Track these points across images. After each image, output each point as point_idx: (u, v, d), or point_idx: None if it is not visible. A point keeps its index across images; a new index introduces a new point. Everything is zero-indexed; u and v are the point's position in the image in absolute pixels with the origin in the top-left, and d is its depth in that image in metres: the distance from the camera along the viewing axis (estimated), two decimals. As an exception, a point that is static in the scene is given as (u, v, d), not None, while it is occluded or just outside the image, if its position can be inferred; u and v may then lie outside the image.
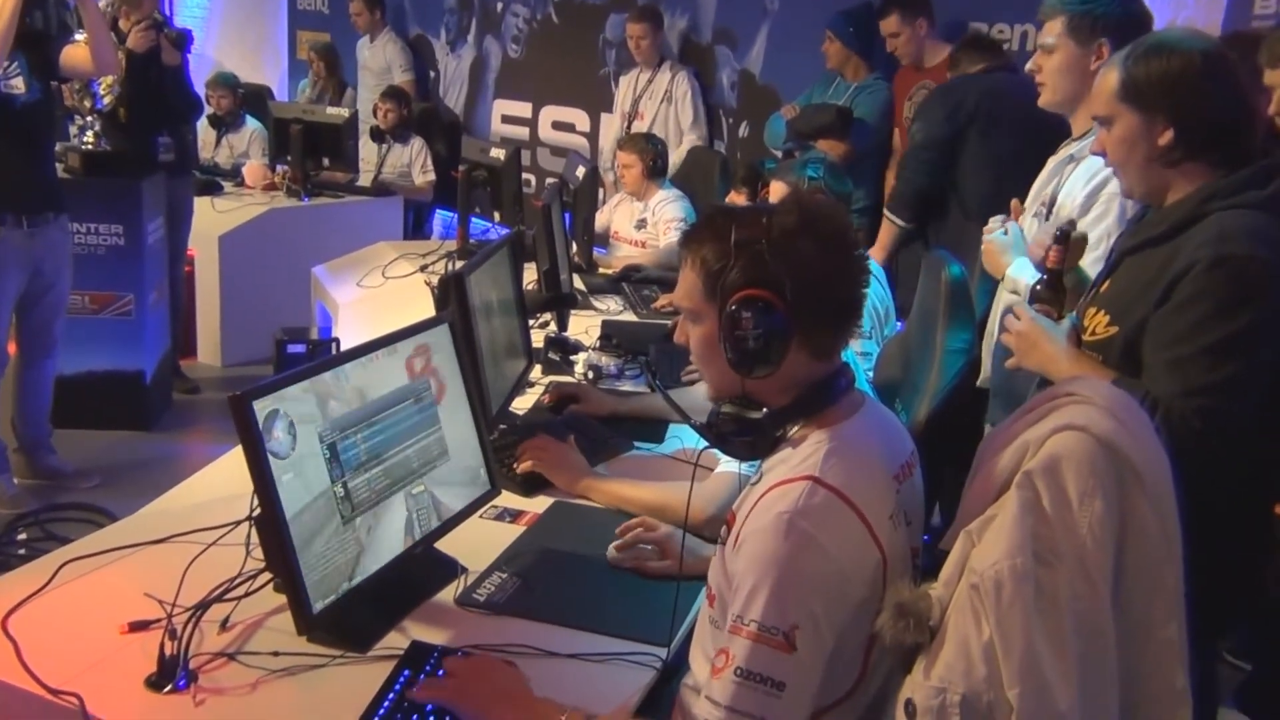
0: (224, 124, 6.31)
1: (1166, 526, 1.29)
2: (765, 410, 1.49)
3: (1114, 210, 2.27)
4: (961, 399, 2.25)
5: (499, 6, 6.70)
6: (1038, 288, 1.99)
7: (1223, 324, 1.68)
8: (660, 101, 5.43)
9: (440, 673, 1.55)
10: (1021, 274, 2.32)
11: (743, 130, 5.47)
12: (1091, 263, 2.27)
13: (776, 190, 3.02)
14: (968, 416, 2.46)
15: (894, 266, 3.94)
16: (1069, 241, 1.98)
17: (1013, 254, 2.39)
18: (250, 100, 6.57)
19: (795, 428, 1.50)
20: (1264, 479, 1.85)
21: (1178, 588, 1.30)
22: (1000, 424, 1.43)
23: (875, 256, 4.06)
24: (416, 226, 6.46)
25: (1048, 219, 2.44)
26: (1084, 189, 2.36)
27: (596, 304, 3.80)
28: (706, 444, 1.57)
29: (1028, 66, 2.57)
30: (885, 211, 4.03)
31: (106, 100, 4.46)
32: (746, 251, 1.42)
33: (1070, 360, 1.83)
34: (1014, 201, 2.50)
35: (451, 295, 2.22)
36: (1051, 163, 2.58)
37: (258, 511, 1.57)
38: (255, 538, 1.72)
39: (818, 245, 1.43)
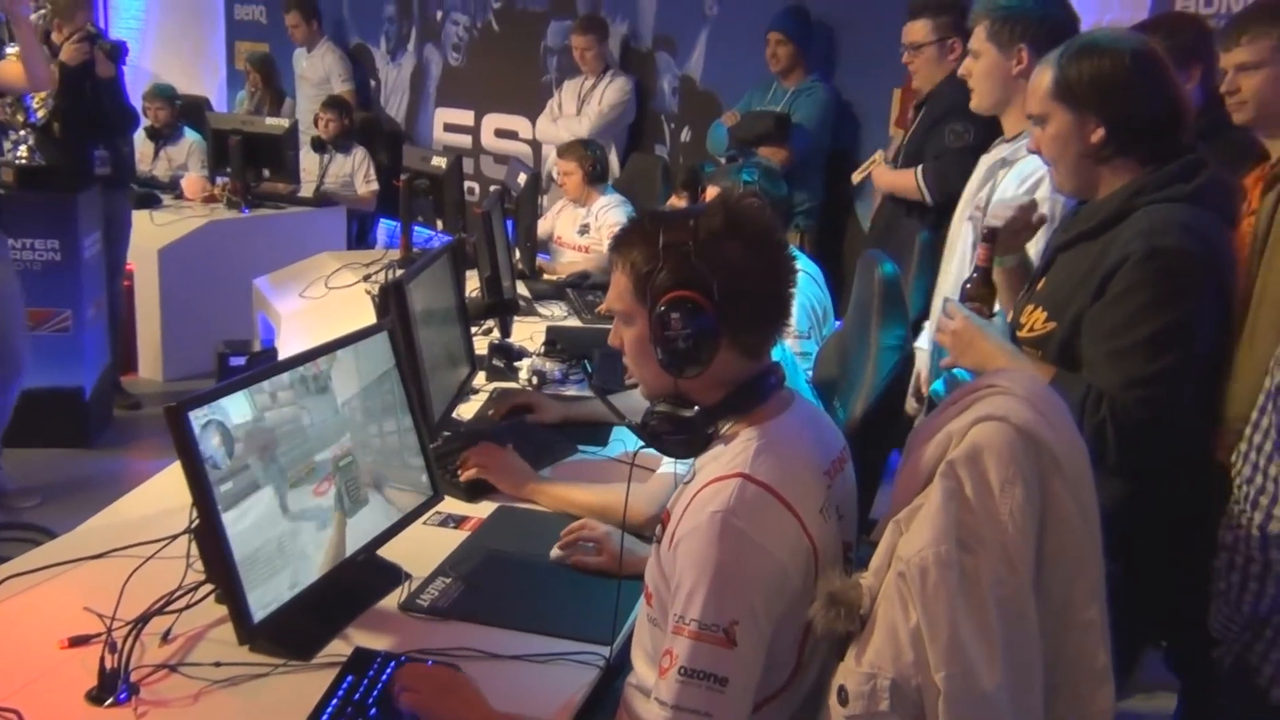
0: (162, 136, 6.23)
1: (1086, 512, 1.33)
2: (697, 408, 1.51)
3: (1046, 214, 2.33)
4: (897, 395, 2.29)
5: (439, 14, 6.69)
6: (968, 285, 2.04)
7: (1159, 315, 1.73)
8: (596, 106, 5.44)
9: (385, 677, 1.56)
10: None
11: (684, 135, 5.51)
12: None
13: (713, 195, 3.05)
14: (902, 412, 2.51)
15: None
16: (996, 240, 2.03)
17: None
18: (188, 112, 6.50)
19: (727, 425, 1.53)
20: (1198, 460, 1.91)
21: (1098, 571, 1.35)
22: (926, 417, 1.47)
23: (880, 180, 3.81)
24: (361, 236, 6.43)
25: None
26: (1016, 192, 2.42)
27: (541, 310, 3.81)
28: (643, 444, 1.60)
29: (960, 71, 2.63)
30: (919, 176, 3.56)
31: (40, 114, 4.40)
32: (674, 254, 1.45)
33: (1008, 356, 1.87)
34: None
35: (391, 303, 2.22)
36: (984, 166, 2.63)
37: (197, 523, 1.57)
38: (195, 550, 1.72)
39: (743, 246, 1.46)
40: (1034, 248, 2.29)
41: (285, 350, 3.45)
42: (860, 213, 4.61)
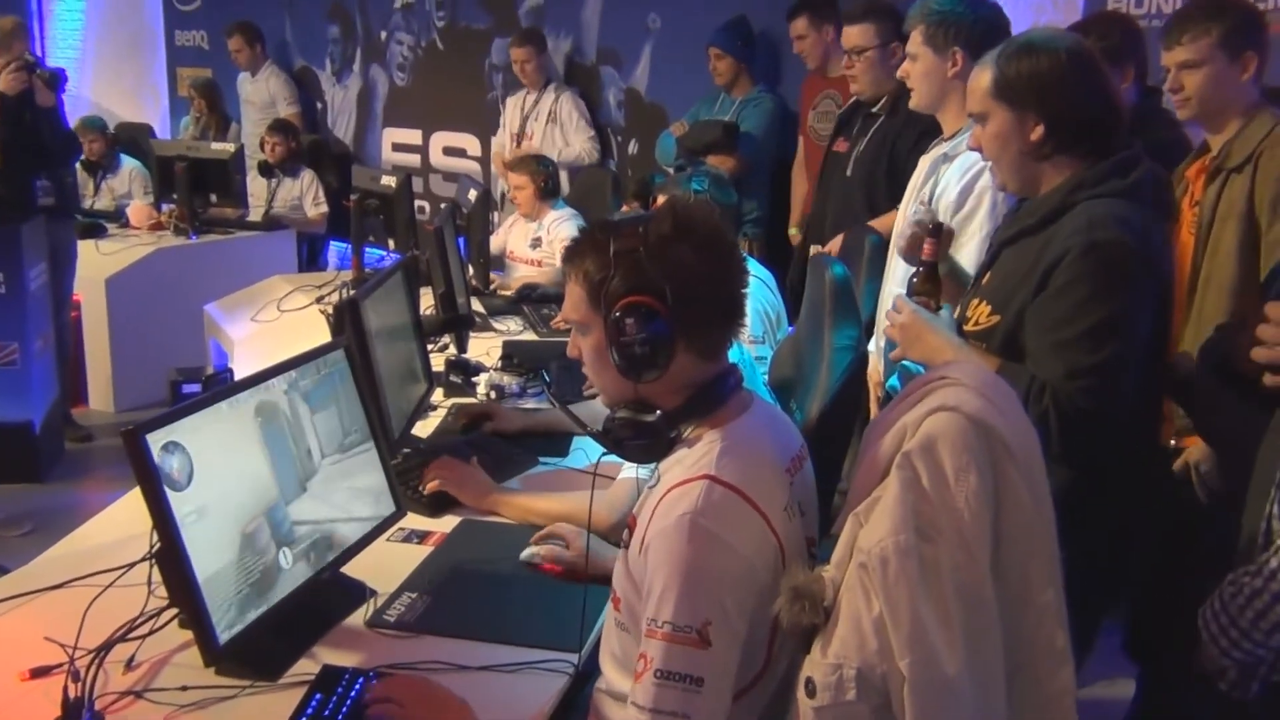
0: (100, 168, 6.15)
1: (1038, 496, 1.37)
2: (659, 412, 1.53)
3: (985, 203, 2.38)
4: (852, 394, 2.32)
5: (383, 35, 6.68)
6: (914, 280, 2.08)
7: (1098, 307, 1.78)
8: (546, 122, 5.48)
9: (354, 693, 1.56)
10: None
11: (632, 148, 5.54)
12: (968, 252, 2.38)
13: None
14: (861, 410, 2.54)
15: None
16: (942, 235, 2.07)
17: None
18: (126, 139, 6.42)
19: (689, 428, 1.55)
20: (1142, 445, 1.96)
21: (1053, 554, 1.38)
22: (881, 411, 1.49)
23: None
24: (311, 259, 6.38)
25: None
26: (957, 185, 2.47)
27: (496, 325, 3.81)
28: (605, 451, 1.62)
29: (898, 73, 2.69)
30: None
31: (-21, 145, 4.34)
32: (626, 260, 1.47)
33: (954, 349, 1.91)
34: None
35: (347, 321, 2.22)
36: (926, 162, 2.69)
37: (158, 547, 1.56)
38: (157, 575, 1.70)
39: (693, 249, 1.48)
40: (966, 253, 2.35)
41: (240, 375, 3.43)
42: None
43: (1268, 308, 1.51)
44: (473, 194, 4.36)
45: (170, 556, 1.53)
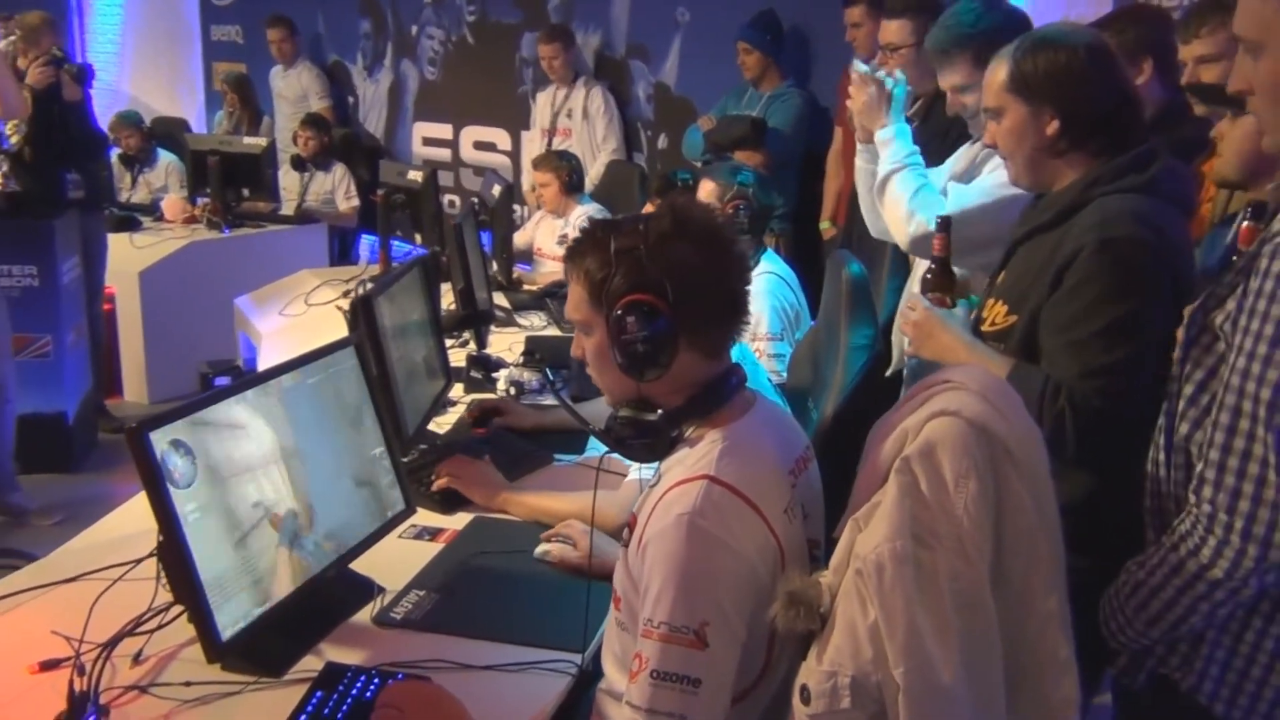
0: (136, 162, 6.22)
1: (1041, 502, 1.34)
2: (660, 412, 1.52)
3: (999, 174, 2.33)
4: (867, 393, 2.30)
5: (414, 29, 6.70)
6: (928, 276, 2.05)
7: (1114, 306, 1.74)
8: (580, 118, 5.48)
9: (355, 691, 1.57)
10: (895, 141, 2.41)
11: (660, 142, 5.53)
12: (962, 194, 2.34)
13: (705, 190, 3.06)
14: (876, 410, 2.51)
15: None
16: (951, 229, 2.04)
17: (892, 116, 2.47)
18: (163, 134, 6.47)
19: (691, 428, 1.54)
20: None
21: (1056, 561, 1.35)
22: (883, 415, 1.47)
23: None
24: (343, 253, 6.43)
25: None
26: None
27: (521, 320, 3.82)
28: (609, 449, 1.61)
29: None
30: None
31: (13, 140, 4.39)
32: (626, 259, 1.46)
33: (967, 348, 1.89)
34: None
35: (360, 318, 2.23)
36: (965, 156, 2.64)
37: (162, 543, 1.57)
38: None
39: (693, 246, 1.47)
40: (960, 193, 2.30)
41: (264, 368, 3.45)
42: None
43: None
44: (496, 189, 4.36)
45: (172, 553, 1.54)
